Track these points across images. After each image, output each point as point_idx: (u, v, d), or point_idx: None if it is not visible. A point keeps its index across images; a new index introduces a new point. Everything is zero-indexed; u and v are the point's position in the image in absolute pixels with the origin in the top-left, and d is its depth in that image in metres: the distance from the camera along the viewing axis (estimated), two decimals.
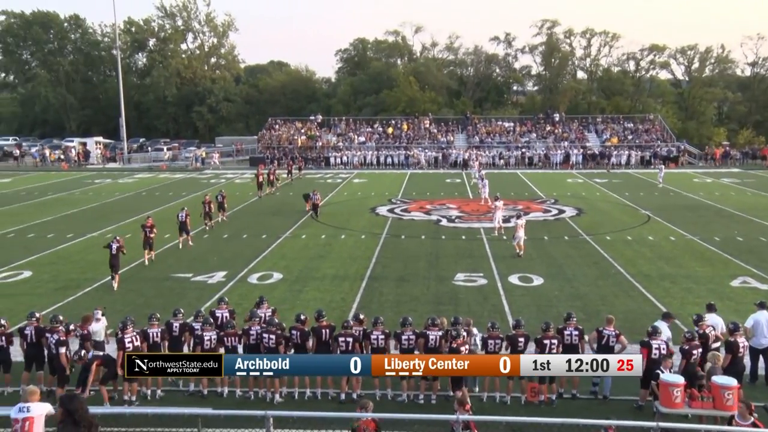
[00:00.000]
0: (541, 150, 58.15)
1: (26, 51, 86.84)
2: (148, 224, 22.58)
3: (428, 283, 20.04)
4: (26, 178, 50.87)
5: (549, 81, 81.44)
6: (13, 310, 17.01)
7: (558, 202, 36.23)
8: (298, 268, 21.99)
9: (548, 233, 27.48)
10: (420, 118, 65.99)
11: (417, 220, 31.21)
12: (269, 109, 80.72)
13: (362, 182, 46.90)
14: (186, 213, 25.31)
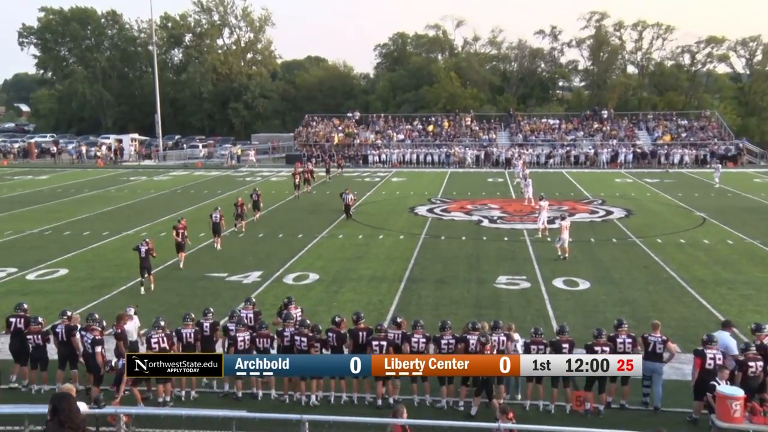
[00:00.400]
0: (588, 148, 57.41)
1: (64, 47, 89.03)
2: (180, 226, 22.47)
3: (469, 286, 19.93)
4: (63, 175, 52.10)
5: (597, 76, 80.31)
6: (49, 308, 17.42)
7: (605, 202, 35.73)
8: (335, 268, 22.07)
9: (595, 235, 27.11)
10: (461, 115, 65.71)
11: (457, 220, 31.07)
12: (306, 105, 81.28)
13: (401, 181, 46.87)
14: (220, 213, 25.30)
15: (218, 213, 25.30)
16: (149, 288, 19.37)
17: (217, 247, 24.65)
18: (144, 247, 19.55)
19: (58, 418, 6.21)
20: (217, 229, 25.12)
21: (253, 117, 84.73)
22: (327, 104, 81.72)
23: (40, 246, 25.95)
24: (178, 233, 22.30)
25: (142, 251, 19.49)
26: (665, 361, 12.20)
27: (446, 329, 12.37)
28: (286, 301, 14.49)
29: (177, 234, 22.28)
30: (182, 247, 22.37)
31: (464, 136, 61.78)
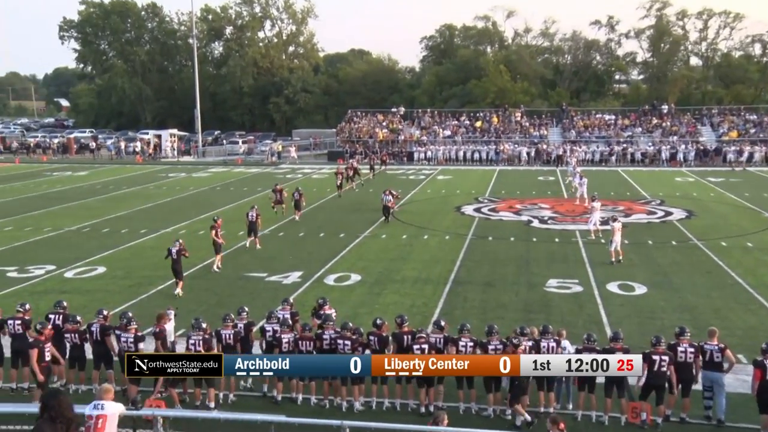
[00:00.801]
0: (647, 145, 56.42)
1: (104, 41, 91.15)
2: (217, 225, 22.38)
3: (517, 289, 19.79)
4: (102, 171, 53.32)
5: (657, 69, 78.86)
6: (87, 306, 17.81)
7: (665, 203, 35.09)
8: (378, 269, 22.12)
9: (653, 237, 26.65)
10: (511, 111, 65.22)
11: (506, 220, 30.87)
12: (349, 100, 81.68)
13: (447, 179, 46.75)
14: (256, 212, 25.17)
15: (254, 212, 25.15)
16: (178, 293, 19.17)
17: (257, 247, 24.77)
18: (175, 248, 19.39)
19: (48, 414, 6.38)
20: (253, 228, 25.01)
21: (295, 112, 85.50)
22: (371, 99, 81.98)
23: (79, 243, 26.60)
24: (217, 233, 22.13)
25: (173, 252, 19.35)
26: (725, 370, 11.91)
27: (493, 334, 12.30)
28: (321, 302, 14.57)
29: (216, 234, 22.06)
30: (219, 247, 22.19)
31: (514, 132, 61.30)
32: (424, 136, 61.31)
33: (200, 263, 22.38)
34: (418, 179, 46.42)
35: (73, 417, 5.57)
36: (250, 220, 25.11)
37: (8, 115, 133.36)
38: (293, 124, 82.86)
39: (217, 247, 22.15)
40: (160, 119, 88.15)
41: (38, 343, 12.13)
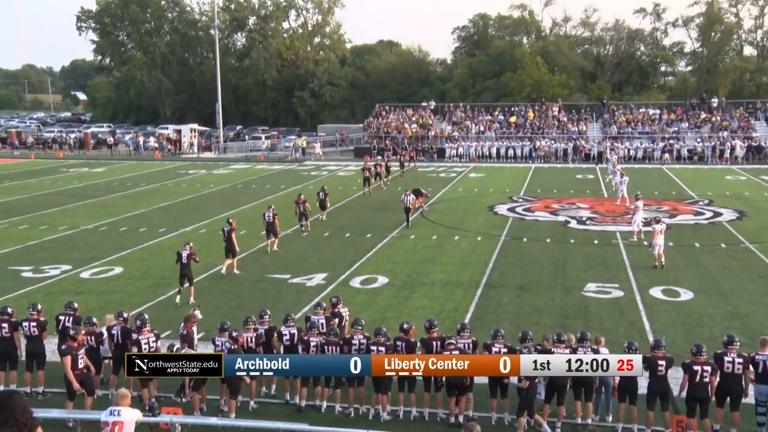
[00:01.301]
0: (694, 141, 55.72)
1: (123, 32, 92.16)
2: (232, 227, 22.03)
3: (553, 294, 19.70)
4: (119, 167, 53.99)
5: (707, 59, 77.74)
6: (103, 308, 17.99)
7: (713, 203, 34.65)
8: (406, 272, 22.14)
9: (700, 240, 26.33)
10: (548, 105, 64.86)
11: (542, 220, 30.72)
12: (377, 94, 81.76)
13: (479, 177, 46.62)
14: (273, 212, 24.85)
15: (271, 212, 24.81)
16: (186, 300, 18.90)
17: (274, 249, 24.64)
18: (185, 252, 19.13)
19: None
20: (271, 229, 24.70)
21: (320, 106, 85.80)
22: (400, 93, 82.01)
23: (95, 242, 26.95)
24: (227, 234, 21.72)
25: (184, 256, 19.03)
26: None
27: (527, 340, 12.23)
28: (334, 300, 14.58)
29: (227, 236, 21.67)
30: (233, 252, 21.78)
31: (551, 127, 60.94)
32: (455, 131, 61.19)
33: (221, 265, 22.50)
34: (449, 177, 46.34)
35: (26, 421, 5.59)
36: (267, 220, 24.77)
37: (24, 109, 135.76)
38: (318, 118, 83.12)
39: (233, 251, 21.81)
40: (180, 113, 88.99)
41: (71, 351, 12.08)
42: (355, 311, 17.56)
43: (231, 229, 21.97)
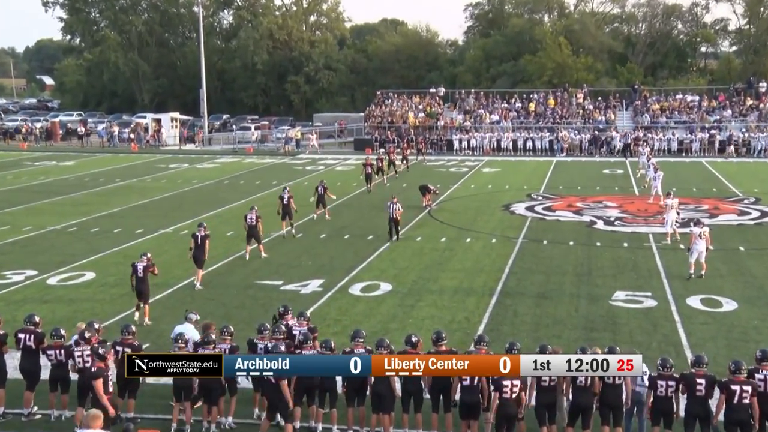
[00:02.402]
0: (739, 131, 55.66)
1: (95, 9, 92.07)
2: (201, 233, 21.37)
3: (577, 303, 19.68)
4: (92, 160, 54.05)
5: (754, 38, 77.42)
6: (72, 318, 18.00)
7: (760, 201, 34.61)
8: (411, 278, 22.13)
9: (745, 243, 26.31)
10: (571, 91, 64.83)
11: (564, 221, 30.70)
12: (380, 79, 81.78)
13: (494, 172, 46.61)
14: (256, 214, 24.45)
15: (254, 214, 24.39)
16: (143, 321, 18.05)
17: (262, 255, 24.42)
18: (142, 264, 18.33)
19: None
20: (253, 233, 24.32)
21: (316, 93, 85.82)
22: (405, 78, 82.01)
23: (64, 245, 26.97)
24: (196, 240, 21.18)
25: (139, 269, 18.21)
26: None
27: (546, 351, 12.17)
28: (282, 310, 14.49)
29: (195, 242, 21.20)
30: (200, 260, 21.28)
31: (575, 116, 60.91)
32: (467, 121, 61.18)
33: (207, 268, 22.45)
34: (459, 172, 46.33)
35: None
36: (248, 223, 24.29)
37: None
38: (314, 107, 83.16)
39: (202, 260, 21.36)
40: (160, 101, 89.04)
41: (102, 373, 11.95)
42: (354, 322, 17.58)
43: (205, 235, 21.31)
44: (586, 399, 11.81)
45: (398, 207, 26.86)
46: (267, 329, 13.40)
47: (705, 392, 11.66)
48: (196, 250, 21.18)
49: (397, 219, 26.87)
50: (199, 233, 21.30)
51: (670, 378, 11.83)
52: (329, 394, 12.79)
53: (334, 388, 12.77)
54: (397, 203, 26.89)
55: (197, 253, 21.19)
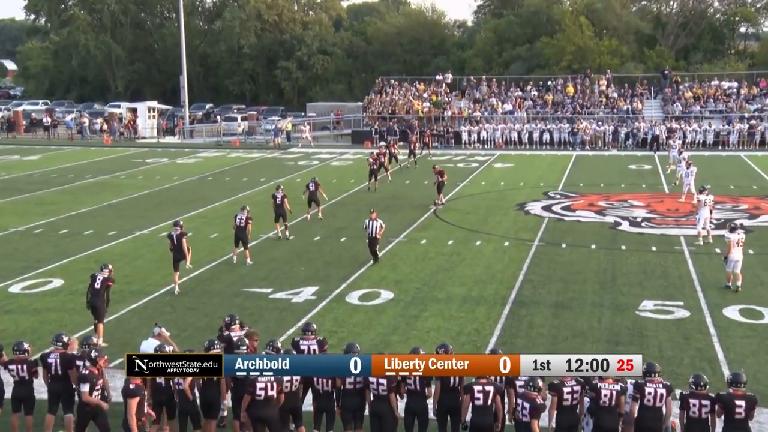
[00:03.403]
0: None
1: None
2: (176, 232, 21.32)
3: (600, 313, 19.67)
4: (59, 155, 54.03)
5: None
6: (38, 330, 18.04)
7: None
8: (415, 285, 22.12)
9: None
10: (594, 78, 64.73)
11: (585, 222, 30.69)
12: (380, 64, 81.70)
13: (507, 167, 46.62)
14: (247, 215, 24.19)
15: (245, 214, 24.22)
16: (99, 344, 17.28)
17: (247, 262, 24.30)
18: (101, 276, 17.88)
19: None
20: (241, 236, 24.18)
21: (309, 80, 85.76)
22: (408, 63, 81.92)
23: (28, 248, 26.95)
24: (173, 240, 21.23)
25: (98, 281, 17.79)
26: None
27: None
28: (227, 320, 14.42)
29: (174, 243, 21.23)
30: (177, 261, 21.34)
31: (597, 106, 60.86)
32: (477, 111, 61.14)
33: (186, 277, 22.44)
34: (468, 168, 46.31)
35: None
36: (238, 224, 24.16)
37: None
38: (307, 95, 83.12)
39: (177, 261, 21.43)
40: (135, 88, 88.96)
41: (140, 391, 11.91)
42: (352, 334, 17.58)
43: (182, 233, 21.35)
44: (611, 421, 11.79)
45: (379, 224, 24.41)
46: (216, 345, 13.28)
47: (745, 414, 11.62)
48: (175, 252, 21.26)
49: (376, 239, 24.48)
50: (174, 232, 21.36)
51: (705, 397, 11.78)
52: (326, 414, 12.76)
53: (331, 409, 12.74)
54: (376, 220, 24.36)
55: (175, 254, 21.28)
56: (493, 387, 12.02)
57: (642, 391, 11.90)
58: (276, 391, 12.13)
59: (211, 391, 12.74)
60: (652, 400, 11.84)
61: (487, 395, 12.00)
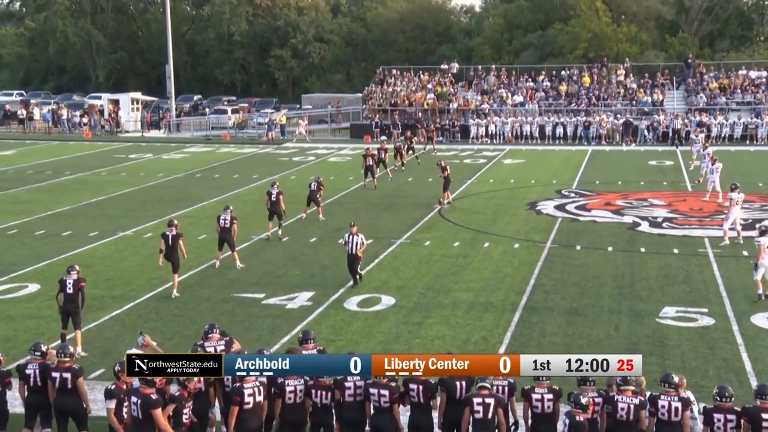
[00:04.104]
0: None
1: None
2: (171, 232, 21.53)
3: (617, 320, 19.68)
4: (35, 149, 54.12)
5: None
6: (12, 339, 18.03)
7: None
8: (418, 290, 22.14)
9: None
10: (611, 67, 64.77)
11: (601, 222, 30.72)
12: (381, 53, 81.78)
13: (517, 163, 46.69)
14: (231, 215, 24.13)
15: (228, 214, 24.17)
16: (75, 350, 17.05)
17: (237, 265, 24.30)
18: (71, 279, 17.72)
19: None
20: (225, 237, 24.09)
21: (305, 70, 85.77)
22: (411, 52, 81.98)
23: (2, 251, 26.94)
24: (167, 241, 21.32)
25: (68, 285, 17.62)
26: None
27: (587, 383, 12.16)
28: (206, 328, 14.45)
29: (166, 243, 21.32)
30: (175, 263, 21.48)
31: (615, 97, 60.87)
32: (485, 103, 61.15)
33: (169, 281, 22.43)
34: (475, 164, 46.35)
35: None
36: (221, 225, 24.04)
37: None
38: (303, 86, 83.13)
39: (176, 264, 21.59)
40: (118, 78, 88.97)
41: (181, 399, 11.96)
42: (350, 343, 17.61)
43: (177, 234, 21.50)
44: None
45: (361, 239, 22.39)
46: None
47: None
48: (168, 253, 21.30)
49: (358, 257, 22.39)
50: (170, 233, 21.41)
51: (730, 411, 11.79)
52: (324, 429, 12.78)
53: (330, 423, 12.76)
54: (358, 234, 22.44)
55: (170, 257, 21.34)
56: (494, 399, 12.02)
57: (655, 404, 11.93)
58: (263, 396, 12.23)
59: (199, 404, 12.76)
60: (666, 414, 11.85)
61: (488, 408, 11.99)
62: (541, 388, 12.23)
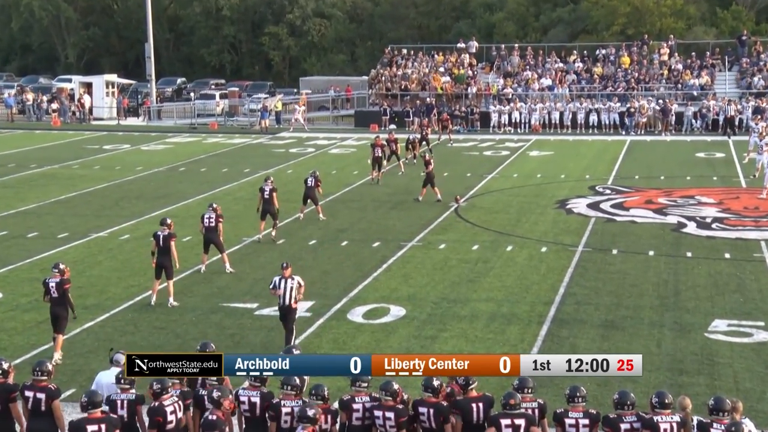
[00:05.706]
0: None
1: None
2: (164, 232, 21.56)
3: (659, 335, 19.66)
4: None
5: None
6: None
7: None
8: (432, 299, 22.15)
9: None
10: (653, 46, 64.67)
11: (641, 222, 30.70)
12: (390, 31, 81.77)
13: (545, 156, 46.72)
14: (216, 214, 24.13)
15: (213, 213, 24.21)
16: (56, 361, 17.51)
17: (227, 269, 24.47)
18: (54, 280, 18.14)
19: None
20: (211, 238, 24.19)
21: (304, 49, 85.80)
22: (424, 29, 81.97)
23: None
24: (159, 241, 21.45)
25: (52, 286, 18.06)
26: None
27: (626, 405, 12.16)
28: (199, 349, 14.47)
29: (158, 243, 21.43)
30: (168, 268, 21.65)
31: (657, 80, 60.80)
32: (508, 87, 61.14)
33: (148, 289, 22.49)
34: (497, 156, 46.36)
35: None
36: (206, 224, 24.13)
37: None
38: (301, 68, 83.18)
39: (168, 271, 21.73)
40: (90, 59, 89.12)
41: (222, 425, 12.12)
42: None
43: (170, 234, 21.64)
44: None
45: (297, 283, 19.00)
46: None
47: None
48: (160, 256, 21.40)
49: (293, 309, 19.01)
50: (162, 232, 21.51)
51: None
52: None
53: None
54: (293, 277, 19.11)
55: (162, 260, 21.42)
56: (525, 419, 12.04)
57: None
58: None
59: None
60: None
61: (518, 430, 12.01)
62: (576, 411, 12.20)
